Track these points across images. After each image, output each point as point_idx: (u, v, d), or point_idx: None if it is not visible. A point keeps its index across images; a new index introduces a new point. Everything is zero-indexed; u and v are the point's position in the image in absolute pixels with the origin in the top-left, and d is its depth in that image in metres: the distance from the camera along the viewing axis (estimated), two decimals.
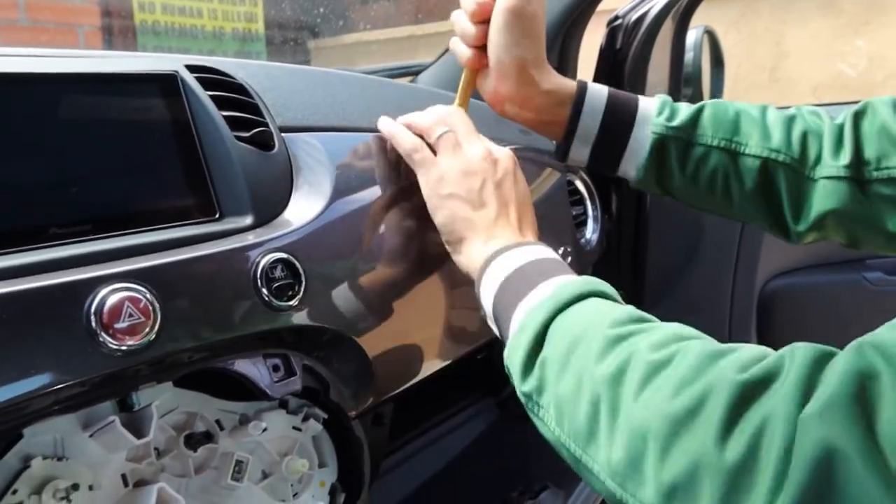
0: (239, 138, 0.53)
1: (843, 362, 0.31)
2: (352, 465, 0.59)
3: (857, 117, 0.60)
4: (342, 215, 0.55)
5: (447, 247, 0.58)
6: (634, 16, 1.03)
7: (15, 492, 0.43)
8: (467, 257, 0.56)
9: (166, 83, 0.52)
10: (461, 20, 0.64)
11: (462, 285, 0.67)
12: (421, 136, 0.60)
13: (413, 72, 1.18)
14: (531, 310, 0.47)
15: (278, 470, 0.55)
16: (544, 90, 0.63)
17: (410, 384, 0.62)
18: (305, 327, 0.51)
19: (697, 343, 0.39)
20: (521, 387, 0.45)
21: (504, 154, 0.59)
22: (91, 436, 0.46)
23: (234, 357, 0.50)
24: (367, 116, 0.64)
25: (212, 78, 0.55)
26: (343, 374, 0.56)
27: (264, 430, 0.54)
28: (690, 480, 0.33)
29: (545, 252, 0.53)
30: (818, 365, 0.33)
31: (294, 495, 0.56)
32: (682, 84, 1.18)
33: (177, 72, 0.53)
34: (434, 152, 0.59)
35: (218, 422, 0.53)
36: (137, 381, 0.46)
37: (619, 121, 0.64)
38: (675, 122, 0.62)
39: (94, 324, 0.40)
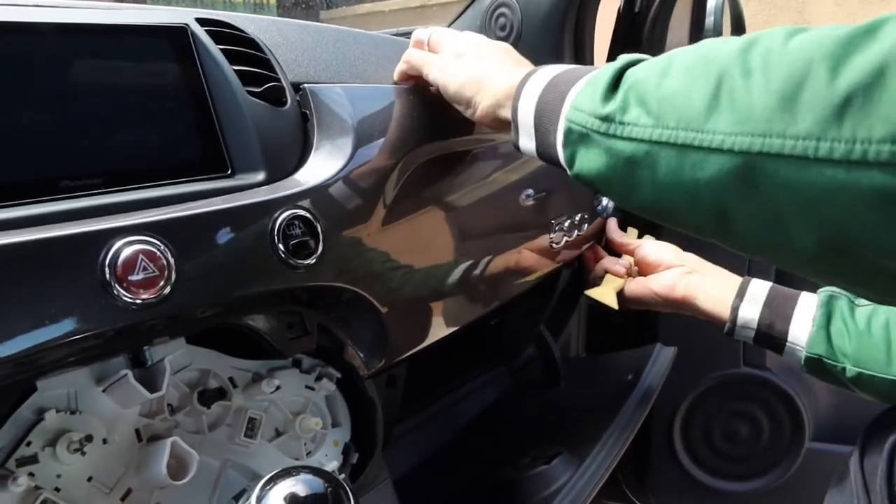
0: (251, 93, 0.52)
1: None
2: (365, 425, 0.59)
3: None
4: (360, 172, 0.54)
5: (467, 110, 0.57)
6: None
7: (29, 443, 0.43)
8: (495, 86, 0.54)
9: (177, 36, 0.51)
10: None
11: (478, 249, 0.66)
12: None
13: None
14: (598, 72, 0.45)
15: (292, 428, 0.55)
16: None
17: (423, 346, 0.61)
18: (322, 286, 0.51)
19: None
20: (602, 110, 0.42)
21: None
22: (104, 390, 0.46)
23: (248, 314, 0.50)
24: (380, 73, 0.63)
25: (223, 32, 0.54)
26: (357, 334, 0.56)
27: (277, 388, 0.54)
28: (876, 78, 0.30)
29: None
30: None
31: (307, 454, 0.56)
32: None
33: (187, 25, 0.52)
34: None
35: (231, 379, 0.53)
36: (152, 335, 0.46)
37: None
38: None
39: (108, 276, 0.40)
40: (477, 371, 1.01)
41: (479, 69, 0.56)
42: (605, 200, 0.98)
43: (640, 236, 0.92)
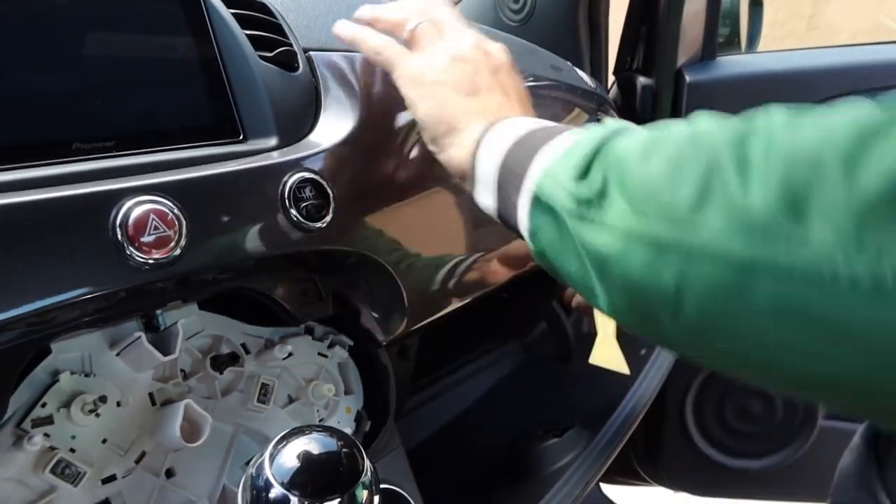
0: (262, 58, 0.52)
1: None
2: (378, 393, 0.59)
3: None
4: (371, 137, 0.53)
5: (431, 145, 0.49)
6: None
7: (44, 405, 0.44)
8: (460, 146, 0.46)
9: None
10: None
11: (490, 219, 0.66)
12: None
13: None
14: (578, 139, 0.38)
15: (304, 395, 0.55)
16: None
17: (441, 314, 0.61)
18: (334, 250, 0.50)
19: None
20: (577, 190, 0.35)
21: (498, 47, 0.51)
22: (118, 354, 0.46)
23: (261, 278, 0.50)
24: None
25: None
26: (373, 300, 0.56)
27: (289, 354, 0.54)
28: None
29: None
30: None
31: (320, 420, 0.56)
32: (720, 23, 1.13)
33: None
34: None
35: (243, 345, 0.53)
36: (164, 297, 0.46)
37: None
38: None
39: (119, 236, 0.40)
40: (489, 346, 1.00)
41: (451, 103, 0.47)
42: None
43: None
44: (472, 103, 0.47)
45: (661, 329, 0.32)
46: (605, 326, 0.70)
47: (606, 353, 0.69)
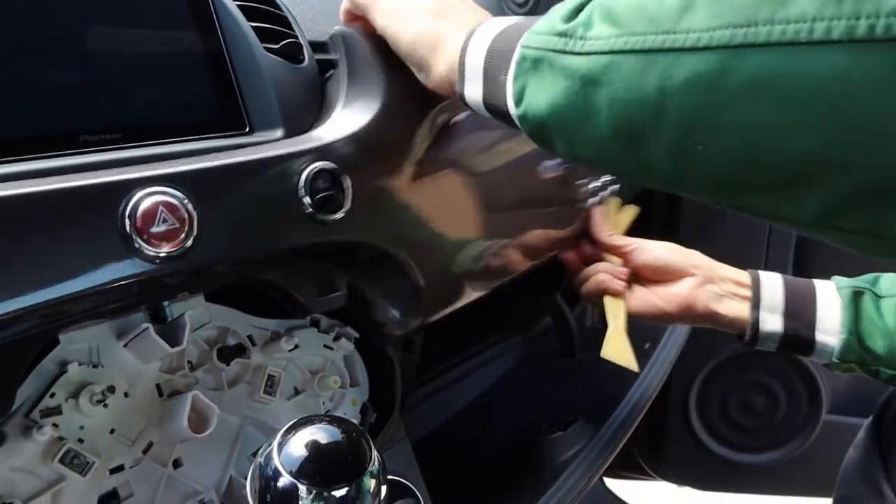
0: (268, 50, 0.52)
1: None
2: (383, 385, 0.59)
3: None
4: (392, 127, 0.52)
5: (420, 72, 0.51)
6: None
7: (53, 395, 0.44)
8: (446, 58, 0.48)
9: None
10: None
11: (509, 209, 0.65)
12: None
13: None
14: (562, 2, 0.39)
15: (310, 387, 0.56)
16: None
17: (454, 307, 0.60)
18: (350, 242, 0.50)
19: None
20: (562, 27, 0.37)
21: None
22: (125, 345, 0.47)
23: (274, 270, 0.49)
24: None
25: None
26: (389, 294, 0.55)
27: (296, 346, 0.54)
28: None
29: None
30: None
31: (326, 412, 0.56)
32: None
33: None
34: None
35: (250, 337, 0.53)
36: (174, 289, 0.46)
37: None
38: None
39: (128, 228, 0.39)
40: (493, 340, 1.01)
41: (435, 24, 0.49)
42: None
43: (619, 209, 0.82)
44: (448, 21, 0.49)
45: (645, 144, 0.33)
46: (616, 319, 0.70)
47: (617, 347, 0.69)
